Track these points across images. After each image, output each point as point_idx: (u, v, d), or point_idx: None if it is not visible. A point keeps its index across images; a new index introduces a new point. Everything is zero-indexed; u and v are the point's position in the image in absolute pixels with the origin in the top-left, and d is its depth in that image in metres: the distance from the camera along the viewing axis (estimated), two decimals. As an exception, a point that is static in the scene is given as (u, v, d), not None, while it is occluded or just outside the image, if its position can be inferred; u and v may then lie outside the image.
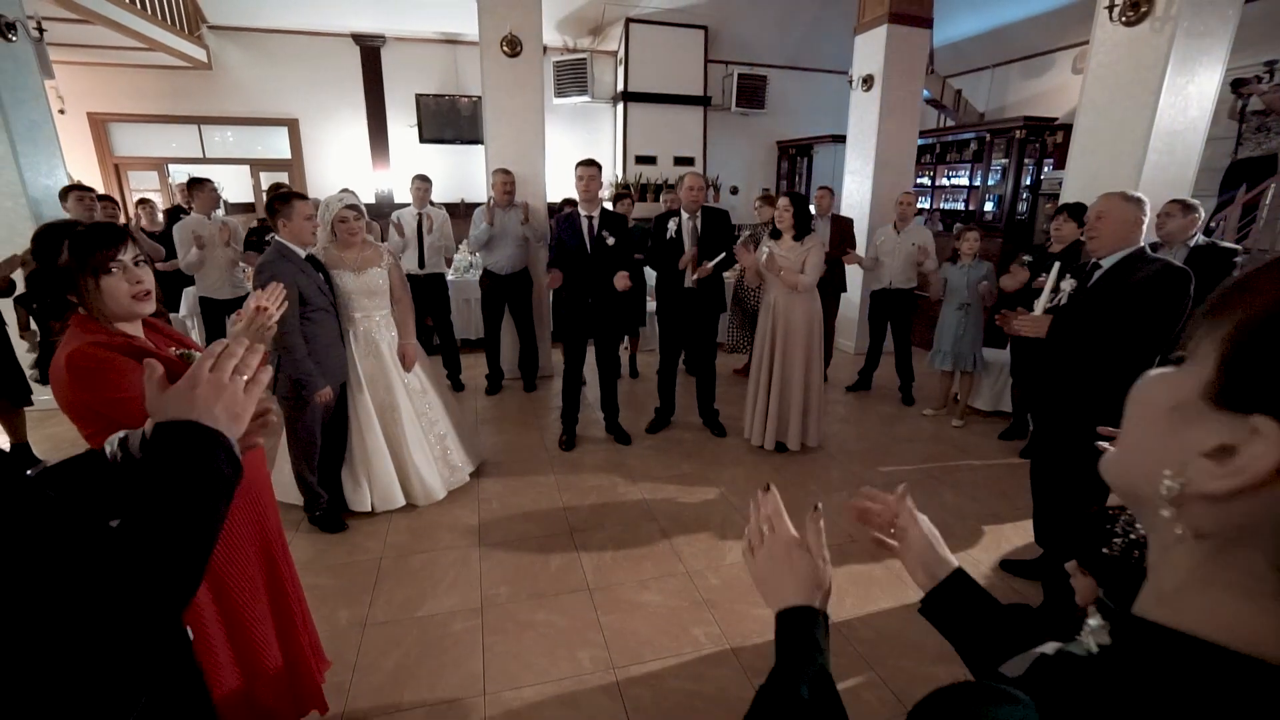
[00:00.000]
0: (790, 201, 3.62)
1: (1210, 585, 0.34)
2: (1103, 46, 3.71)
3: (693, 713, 1.93)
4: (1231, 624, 0.33)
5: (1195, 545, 0.35)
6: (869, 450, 3.96)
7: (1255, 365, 0.32)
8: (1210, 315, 0.36)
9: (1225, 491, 0.32)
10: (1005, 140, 7.29)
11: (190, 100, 7.38)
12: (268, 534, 1.54)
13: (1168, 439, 0.36)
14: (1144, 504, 0.38)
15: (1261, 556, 0.32)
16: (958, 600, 0.74)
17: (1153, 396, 0.39)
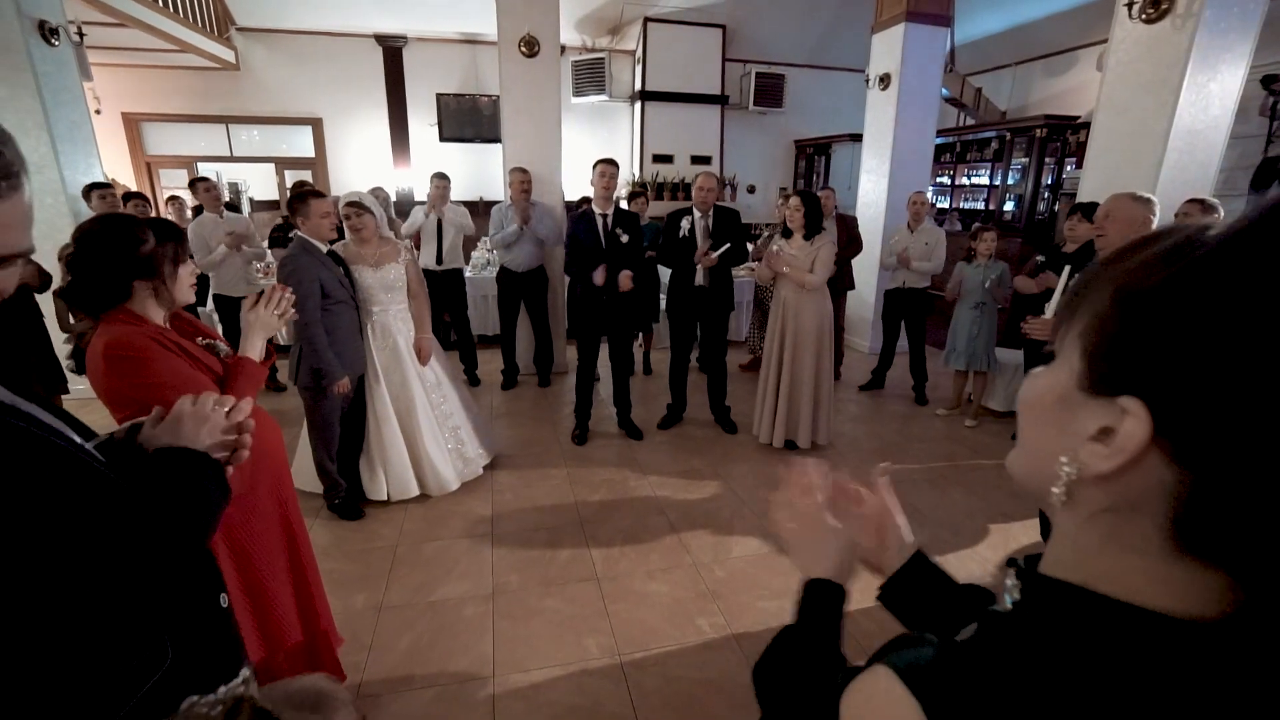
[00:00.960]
0: (801, 200, 3.64)
1: (1105, 547, 0.38)
2: (1122, 44, 3.67)
3: (695, 698, 1.98)
4: (1121, 579, 0.37)
5: (1091, 518, 0.39)
6: (880, 449, 3.97)
7: (1112, 353, 0.36)
8: (1068, 313, 0.40)
9: (1111, 469, 0.35)
10: (1026, 139, 7.21)
11: (219, 100, 7.59)
12: (288, 512, 1.62)
13: (1057, 430, 0.40)
14: (1044, 492, 0.41)
15: (1148, 521, 0.35)
16: (919, 583, 0.74)
17: (1037, 395, 0.43)
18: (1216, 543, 0.33)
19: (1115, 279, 0.37)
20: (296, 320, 2.54)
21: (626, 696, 1.98)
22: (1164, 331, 0.33)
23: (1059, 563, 0.41)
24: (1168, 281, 0.34)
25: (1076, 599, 0.38)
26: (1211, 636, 0.34)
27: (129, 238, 1.28)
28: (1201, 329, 0.31)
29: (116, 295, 1.29)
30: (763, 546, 2.82)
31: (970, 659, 0.39)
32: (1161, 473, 0.34)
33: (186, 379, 1.29)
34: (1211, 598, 0.35)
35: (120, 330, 1.26)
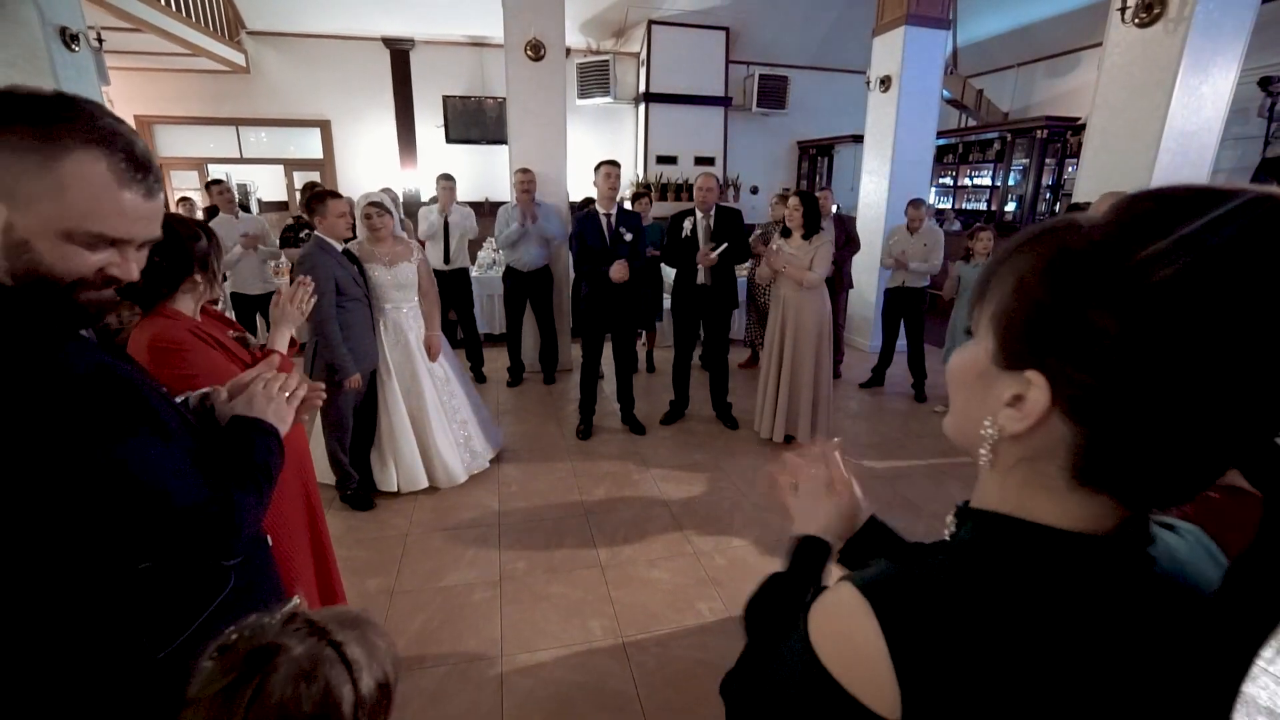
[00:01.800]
0: (800, 200, 3.73)
1: (1022, 488, 0.47)
2: (1116, 47, 3.74)
3: (694, 677, 2.06)
4: (1035, 510, 0.46)
5: (1011, 468, 0.48)
6: (879, 444, 4.05)
7: (1016, 336, 0.44)
8: (979, 299, 0.49)
9: (1022, 430, 0.44)
10: (1027, 140, 7.27)
11: (229, 103, 7.71)
12: (310, 494, 1.72)
13: (981, 399, 0.48)
14: (973, 449, 0.50)
15: (1053, 465, 0.45)
16: (875, 544, 0.83)
17: (963, 370, 0.51)
18: (1106, 476, 0.43)
19: (1015, 272, 0.45)
20: (313, 316, 2.66)
21: (629, 674, 2.07)
22: (1057, 320, 0.41)
23: (987, 500, 0.50)
24: (1057, 277, 0.42)
25: (1003, 525, 0.48)
26: (1103, 546, 0.44)
27: (187, 237, 1.39)
28: (1078, 315, 0.40)
29: (169, 290, 1.39)
30: (763, 536, 2.91)
31: (918, 573, 0.47)
32: (1061, 428, 0.43)
33: (222, 370, 1.39)
34: (1102, 518, 0.45)
35: (163, 324, 1.36)
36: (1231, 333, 0.36)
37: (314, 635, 0.60)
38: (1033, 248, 0.45)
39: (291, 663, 0.57)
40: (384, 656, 0.64)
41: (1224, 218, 0.37)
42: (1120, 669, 0.42)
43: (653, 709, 1.95)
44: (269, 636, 0.59)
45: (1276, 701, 2.07)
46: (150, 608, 0.81)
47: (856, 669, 0.45)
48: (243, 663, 0.57)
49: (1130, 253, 0.39)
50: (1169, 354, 0.37)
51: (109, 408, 0.73)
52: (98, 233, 0.71)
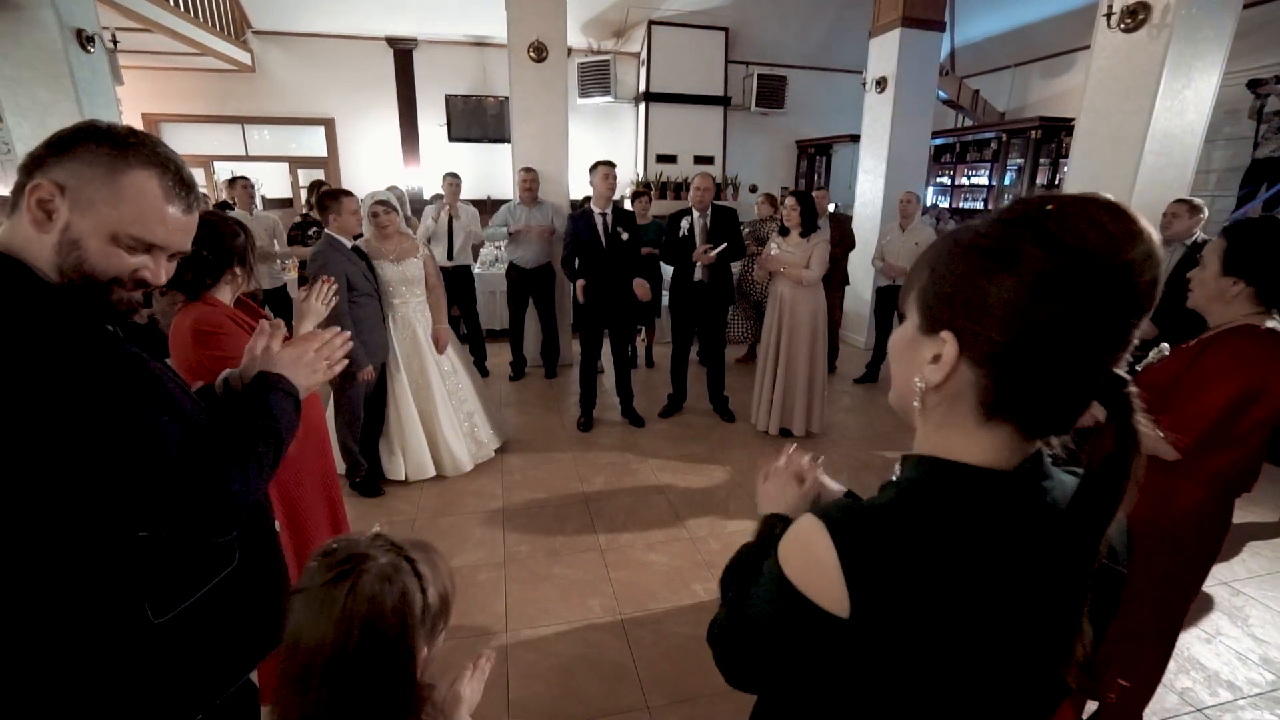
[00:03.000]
0: (797, 200, 3.84)
1: (942, 428, 0.60)
2: (1103, 51, 3.85)
3: (688, 650, 2.19)
4: (954, 448, 0.59)
5: (932, 411, 0.60)
6: (871, 436, 4.17)
7: (931, 307, 0.58)
8: (907, 289, 0.63)
9: (940, 379, 0.57)
10: (1022, 140, 7.36)
11: (235, 101, 7.82)
12: (328, 478, 1.84)
13: (910, 362, 0.61)
14: (907, 403, 0.62)
15: (965, 404, 0.57)
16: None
17: (898, 344, 0.64)
18: (1004, 407, 0.56)
19: (930, 263, 0.59)
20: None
21: (626, 648, 2.19)
22: (956, 290, 0.55)
23: (922, 445, 0.63)
24: (953, 262, 0.56)
25: (931, 464, 0.60)
26: (1004, 479, 0.57)
27: (230, 233, 1.52)
28: (973, 286, 0.54)
29: (212, 281, 1.52)
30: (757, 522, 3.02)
31: (866, 506, 0.60)
32: (969, 374, 0.56)
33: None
34: (1008, 450, 0.57)
35: (205, 310, 1.50)
36: (1066, 298, 0.50)
37: (394, 551, 0.75)
38: (940, 245, 0.59)
39: (378, 568, 0.71)
40: (445, 576, 0.79)
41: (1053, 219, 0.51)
42: (1008, 576, 0.54)
43: (649, 679, 2.07)
44: (360, 548, 0.74)
45: (1236, 674, 2.19)
46: (151, 575, 0.87)
47: (813, 577, 0.57)
48: (340, 563, 0.71)
49: (1005, 242, 0.53)
50: (1033, 310, 0.51)
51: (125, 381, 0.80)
52: (140, 237, 0.84)
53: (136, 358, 0.88)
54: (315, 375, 1.11)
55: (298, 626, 0.70)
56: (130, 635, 0.86)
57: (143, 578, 0.87)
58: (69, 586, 0.81)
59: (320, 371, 1.12)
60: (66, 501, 0.77)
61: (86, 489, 0.77)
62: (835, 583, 0.55)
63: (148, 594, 0.87)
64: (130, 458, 0.78)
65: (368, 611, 0.69)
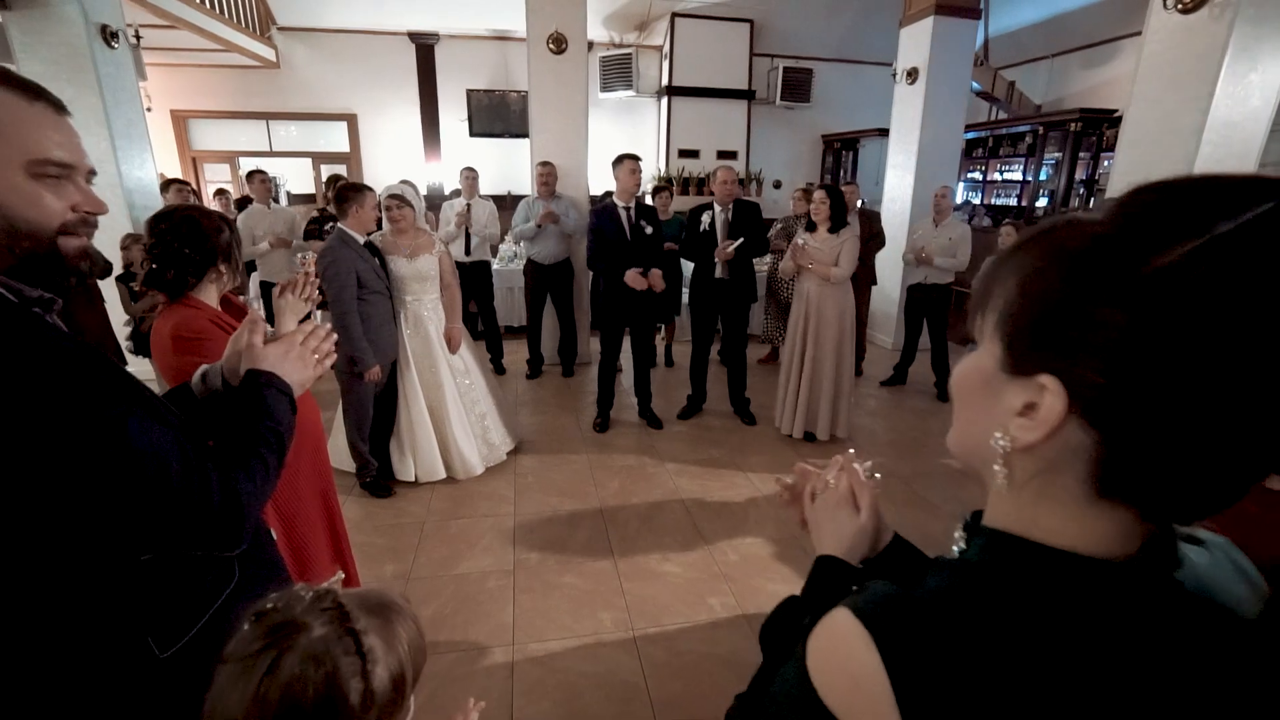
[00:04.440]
0: (826, 194, 3.68)
1: (1036, 502, 0.44)
2: (1156, 35, 3.60)
3: (704, 671, 2.06)
4: (1051, 527, 0.43)
5: (1025, 483, 0.44)
6: (898, 442, 3.99)
7: (1026, 339, 0.41)
8: (980, 305, 0.46)
9: (1037, 440, 0.41)
10: (1060, 133, 7.07)
11: (259, 97, 7.88)
12: (326, 485, 1.76)
13: (988, 409, 0.45)
14: (983, 464, 0.47)
15: (1070, 475, 0.41)
16: (897, 562, 0.79)
17: (968, 381, 0.47)
18: (1127, 486, 0.40)
19: (1019, 272, 0.42)
20: (333, 309, 2.70)
21: (638, 666, 2.08)
22: (1066, 319, 0.39)
23: (998, 516, 0.47)
24: (1063, 275, 0.40)
25: (1014, 546, 0.44)
26: (1125, 572, 0.41)
27: (212, 229, 1.43)
28: (1086, 311, 0.38)
29: (195, 280, 1.43)
30: (777, 533, 2.89)
31: (919, 597, 0.44)
32: (1078, 436, 0.40)
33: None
34: (1123, 538, 0.41)
35: (185, 313, 1.41)
36: (1249, 324, 0.34)
37: (336, 620, 0.61)
38: (1034, 246, 0.43)
39: (308, 644, 0.59)
40: (405, 648, 0.64)
41: (1230, 205, 0.35)
42: (1148, 708, 0.38)
43: (660, 701, 1.95)
44: (296, 612, 0.61)
45: None
46: (153, 605, 0.80)
47: (857, 705, 0.42)
48: (269, 632, 0.59)
49: (1134, 244, 0.37)
50: (1183, 349, 0.35)
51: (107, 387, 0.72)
52: (43, 158, 0.72)
53: (112, 363, 0.78)
54: (307, 370, 1.04)
55: (214, 701, 0.59)
56: (135, 674, 0.78)
57: (144, 609, 0.79)
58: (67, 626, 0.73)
59: (311, 365, 1.05)
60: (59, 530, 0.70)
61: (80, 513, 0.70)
62: (886, 717, 0.40)
63: (151, 627, 0.80)
64: (128, 472, 0.71)
65: (283, 698, 0.57)
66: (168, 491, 0.74)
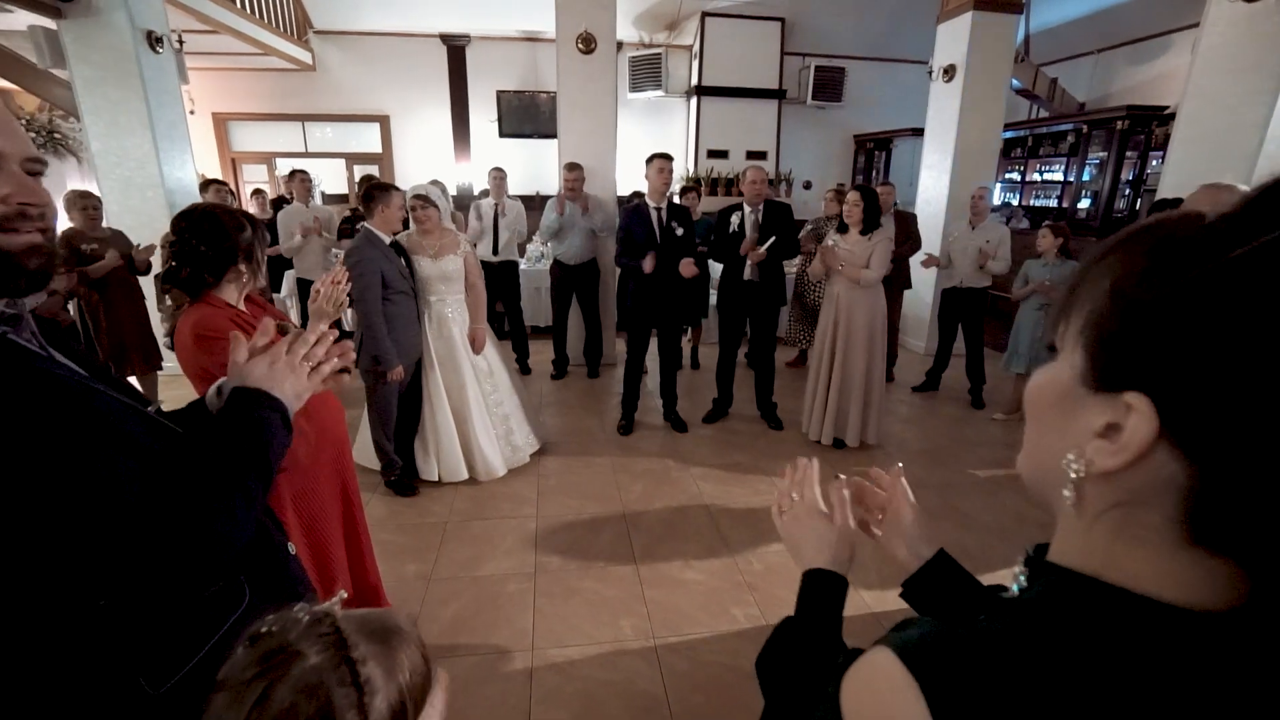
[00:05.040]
0: (860, 196, 3.59)
1: (1114, 540, 0.38)
2: (1215, 26, 3.42)
3: (725, 684, 2.01)
4: (1130, 570, 0.37)
5: (1100, 514, 0.38)
6: (930, 451, 3.86)
7: (1113, 349, 0.36)
8: (1065, 309, 0.40)
9: (1118, 466, 0.35)
10: (1105, 132, 6.79)
11: (296, 99, 8.06)
12: (347, 486, 1.76)
13: (1063, 428, 0.40)
14: (1052, 490, 0.41)
15: (1157, 514, 0.35)
16: (942, 581, 0.74)
17: (1042, 393, 0.42)
18: (1226, 533, 0.34)
19: (1110, 273, 0.37)
20: (359, 309, 2.72)
21: (658, 677, 2.03)
22: (1164, 326, 0.33)
23: (1067, 553, 0.41)
24: (1164, 275, 0.34)
25: (1084, 587, 0.38)
26: (1218, 628, 0.34)
27: (233, 226, 1.43)
28: (1202, 322, 0.32)
29: (214, 279, 1.44)
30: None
31: (972, 640, 0.39)
32: (1169, 467, 0.34)
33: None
34: (1220, 589, 0.35)
35: (206, 312, 1.41)
36: None
37: (333, 647, 0.57)
38: (1133, 244, 0.37)
39: (301, 674, 0.55)
40: (407, 677, 0.60)
41: None
42: None
43: (681, 713, 1.90)
44: (290, 637, 0.57)
45: None
46: (139, 644, 0.74)
47: None
48: (264, 658, 0.56)
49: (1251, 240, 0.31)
50: None
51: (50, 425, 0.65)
52: None
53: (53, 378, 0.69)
54: (299, 381, 0.93)
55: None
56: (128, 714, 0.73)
57: (128, 648, 0.73)
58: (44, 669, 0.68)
59: (303, 374, 0.94)
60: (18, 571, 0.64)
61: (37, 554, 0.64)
62: None
63: (140, 665, 0.74)
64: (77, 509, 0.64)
65: None
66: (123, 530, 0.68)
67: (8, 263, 0.68)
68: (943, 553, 0.77)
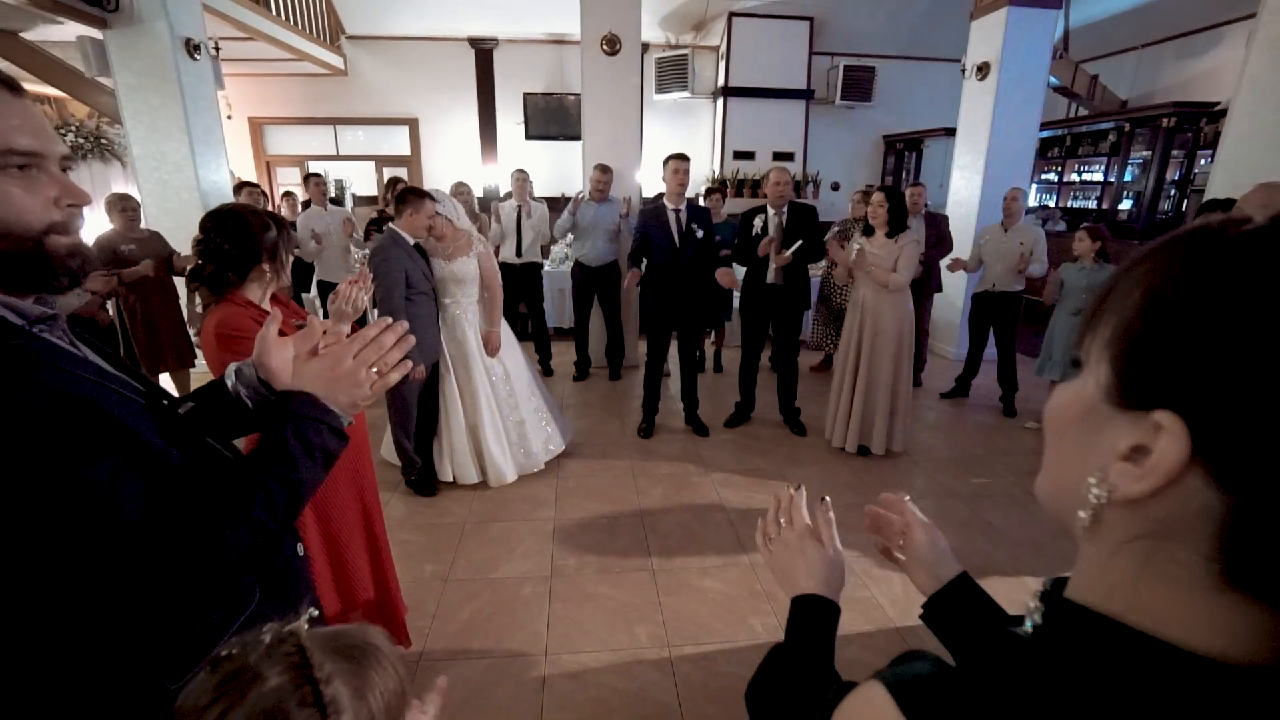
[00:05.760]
0: (885, 196, 3.50)
1: (1138, 577, 0.34)
2: (1276, 16, 3.25)
3: (740, 696, 1.95)
4: (1155, 612, 0.33)
5: (1122, 545, 0.35)
6: (959, 459, 3.75)
7: (1142, 363, 0.33)
8: (1092, 319, 0.36)
9: (1144, 492, 0.32)
10: (1149, 130, 6.54)
11: (327, 103, 8.23)
12: (364, 485, 1.76)
13: (1085, 448, 0.36)
14: (1071, 515, 0.38)
15: (1187, 549, 0.32)
16: (961, 604, 0.72)
17: (1063, 410, 0.39)
18: (1267, 576, 0.30)
19: (1143, 280, 0.33)
20: (383, 308, 2.75)
21: (672, 687, 2.00)
22: (1199, 339, 0.30)
23: (1085, 589, 0.37)
24: (1202, 282, 0.31)
25: (1103, 629, 0.35)
26: (1253, 684, 0.30)
27: (259, 226, 1.45)
28: (1243, 335, 0.28)
29: (238, 278, 1.46)
30: (824, 552, 2.75)
31: (974, 680, 0.36)
32: (1203, 496, 0.30)
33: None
34: (1258, 639, 0.31)
35: (230, 310, 1.43)
36: None
37: (295, 668, 0.54)
38: (1170, 250, 0.33)
39: (258, 698, 0.52)
40: (379, 697, 0.56)
41: None
42: None
43: (695, 726, 1.87)
44: (252, 659, 0.54)
45: None
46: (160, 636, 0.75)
47: None
48: (217, 686, 0.53)
49: None
50: None
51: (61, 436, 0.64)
52: (5, 148, 0.65)
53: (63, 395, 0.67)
54: (359, 389, 0.84)
55: None
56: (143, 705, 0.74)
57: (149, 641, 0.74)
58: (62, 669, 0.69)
59: (365, 384, 0.85)
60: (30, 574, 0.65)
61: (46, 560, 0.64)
62: None
63: (158, 658, 0.74)
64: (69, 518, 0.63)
65: None
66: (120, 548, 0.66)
67: (51, 263, 0.69)
68: (964, 575, 0.74)
